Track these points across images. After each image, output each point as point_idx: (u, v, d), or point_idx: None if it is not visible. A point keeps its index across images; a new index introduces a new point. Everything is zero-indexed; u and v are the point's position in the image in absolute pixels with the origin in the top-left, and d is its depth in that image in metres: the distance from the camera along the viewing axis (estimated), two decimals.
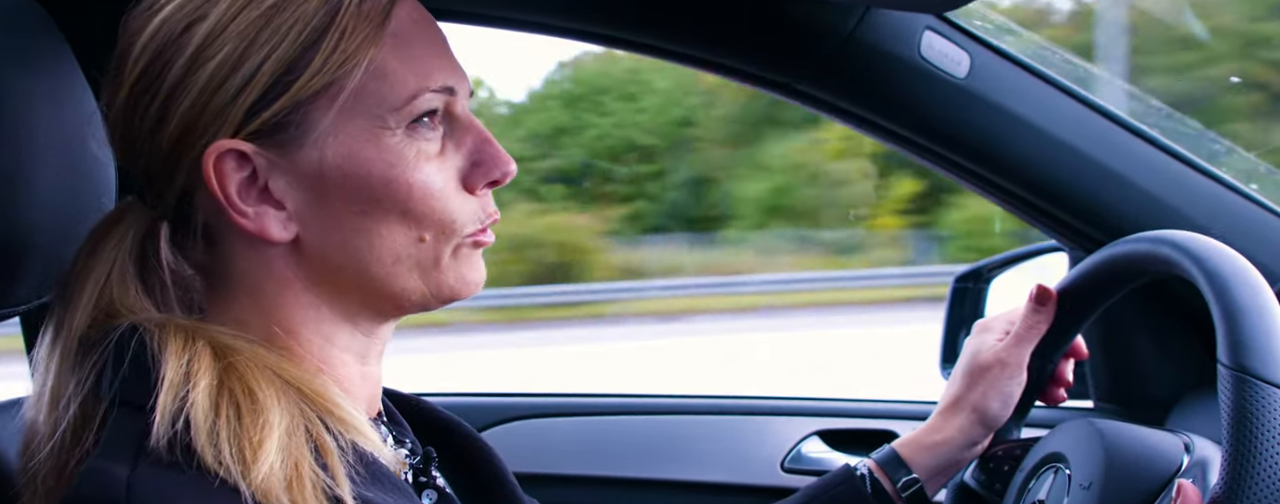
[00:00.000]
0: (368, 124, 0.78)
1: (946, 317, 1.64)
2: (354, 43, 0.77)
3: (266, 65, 0.75)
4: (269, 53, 0.76)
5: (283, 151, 0.78)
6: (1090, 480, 0.94)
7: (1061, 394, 1.15)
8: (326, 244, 0.80)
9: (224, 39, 0.76)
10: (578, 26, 1.29)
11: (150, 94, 0.77)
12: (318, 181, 0.78)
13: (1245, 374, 0.81)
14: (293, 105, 0.76)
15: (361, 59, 0.77)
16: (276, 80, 0.76)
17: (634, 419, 1.62)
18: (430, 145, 0.80)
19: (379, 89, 0.78)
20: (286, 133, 0.77)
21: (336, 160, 0.78)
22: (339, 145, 0.78)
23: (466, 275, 0.84)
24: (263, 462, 0.69)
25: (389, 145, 0.78)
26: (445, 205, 0.80)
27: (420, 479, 0.88)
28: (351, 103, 0.78)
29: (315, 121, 0.77)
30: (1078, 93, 1.30)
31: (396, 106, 0.78)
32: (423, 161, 0.80)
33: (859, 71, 1.26)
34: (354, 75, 0.77)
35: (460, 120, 0.83)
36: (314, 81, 0.76)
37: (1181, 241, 0.93)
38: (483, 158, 0.83)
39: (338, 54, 0.76)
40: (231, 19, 0.76)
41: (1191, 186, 1.31)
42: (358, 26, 0.77)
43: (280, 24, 0.76)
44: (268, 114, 0.76)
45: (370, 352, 0.86)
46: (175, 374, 0.73)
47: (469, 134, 0.83)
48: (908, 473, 1.09)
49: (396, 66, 0.79)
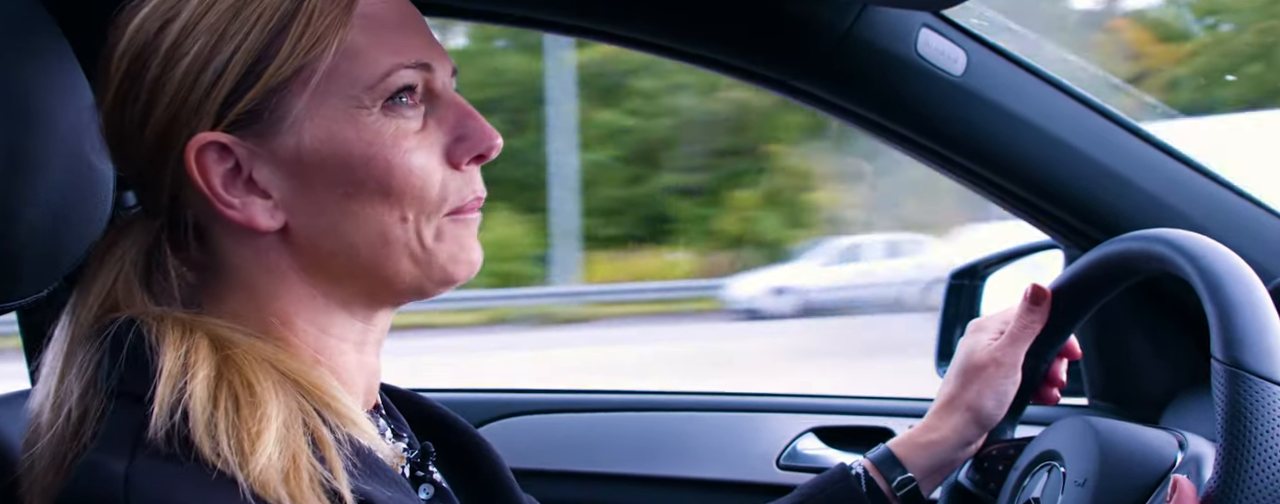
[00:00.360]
0: (343, 105, 0.78)
1: (942, 313, 1.64)
2: (322, 25, 0.77)
3: (237, 56, 0.76)
4: (239, 44, 0.76)
5: (262, 140, 0.78)
6: (1085, 478, 0.95)
7: (1056, 393, 1.15)
8: (314, 230, 0.80)
9: (196, 35, 0.77)
10: (571, 22, 1.29)
11: (133, 95, 0.78)
12: (299, 167, 0.79)
13: (1239, 369, 0.81)
14: (265, 93, 0.77)
15: (331, 41, 0.77)
16: (248, 70, 0.77)
17: (630, 415, 1.63)
18: (410, 123, 0.81)
19: (351, 69, 0.78)
20: (263, 121, 0.78)
21: (315, 144, 0.78)
22: (316, 128, 0.78)
23: (458, 255, 0.83)
24: (260, 454, 0.70)
25: (366, 124, 0.79)
26: (426, 181, 0.80)
27: (417, 473, 0.89)
28: (324, 85, 0.78)
29: (290, 107, 0.78)
30: (1074, 91, 1.31)
31: (370, 85, 0.79)
32: (401, 139, 0.80)
33: (856, 69, 1.26)
34: (324, 58, 0.77)
35: (442, 97, 0.83)
36: (284, 67, 0.77)
37: (1176, 239, 0.94)
38: (467, 132, 0.83)
39: (306, 38, 0.77)
40: (202, 15, 0.77)
41: (1187, 185, 1.31)
42: (325, 8, 0.78)
43: (248, 15, 0.77)
44: (242, 104, 0.77)
45: (367, 339, 0.86)
46: (173, 365, 0.73)
47: (451, 110, 0.83)
48: (903, 472, 1.10)
49: (367, 45, 0.79)
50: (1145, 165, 1.32)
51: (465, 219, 0.84)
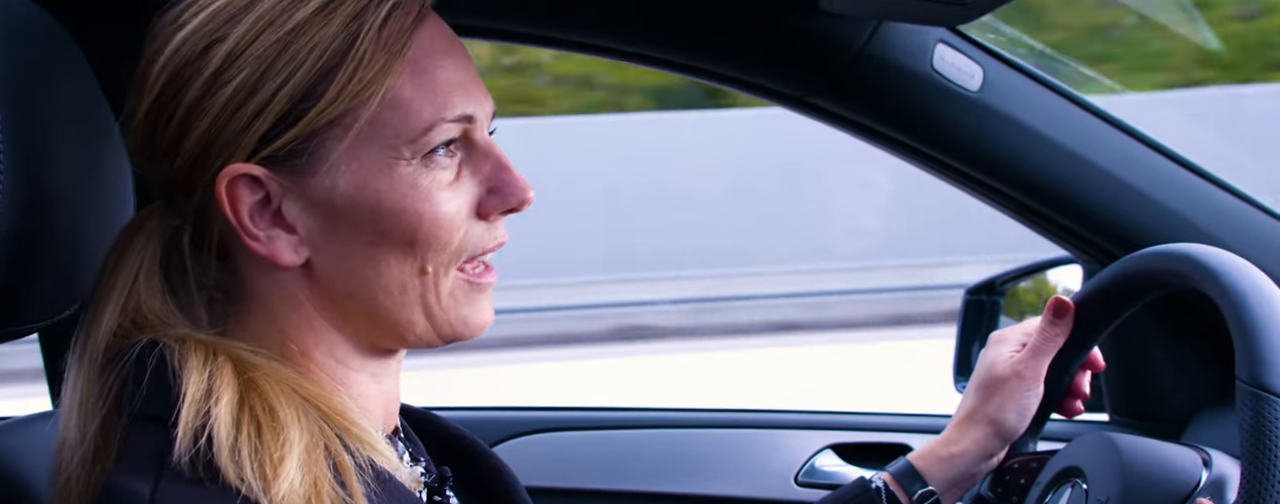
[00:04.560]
0: (382, 154, 0.77)
1: (959, 329, 1.63)
2: (370, 72, 0.76)
3: (282, 92, 0.75)
4: (285, 79, 0.75)
5: (296, 178, 0.77)
6: (1107, 495, 0.94)
7: (1078, 407, 1.14)
8: (335, 270, 0.80)
9: (242, 63, 0.75)
10: (590, 41, 1.30)
11: (169, 112, 0.77)
12: (329, 209, 0.78)
13: (1263, 391, 0.81)
14: (307, 133, 0.76)
15: (378, 89, 0.76)
16: (291, 108, 0.75)
17: (646, 433, 1.62)
18: (445, 173, 0.79)
19: (394, 120, 0.77)
20: (300, 160, 0.77)
21: (349, 190, 0.77)
22: (351, 175, 0.77)
23: (469, 317, 0.83)
24: (283, 479, 0.69)
25: (402, 175, 0.78)
26: (453, 233, 0.79)
27: (434, 498, 0.88)
28: (366, 132, 0.77)
29: (329, 150, 0.77)
30: (1092, 105, 1.31)
31: (412, 139, 0.77)
32: (435, 190, 0.78)
33: (872, 85, 1.26)
34: (369, 105, 0.76)
35: (479, 146, 0.82)
36: (329, 111, 0.75)
37: (1199, 256, 0.93)
38: (499, 184, 0.82)
39: (353, 84, 0.75)
40: (250, 42, 0.75)
41: (1207, 199, 1.31)
42: (375, 55, 0.76)
43: (298, 50, 0.75)
44: (281, 141, 0.76)
45: (385, 372, 0.86)
46: (197, 389, 0.73)
47: (487, 160, 0.82)
48: (923, 485, 1.09)
49: (413, 96, 0.78)
50: (1163, 179, 1.31)
51: (481, 283, 0.83)
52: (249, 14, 0.76)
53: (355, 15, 0.76)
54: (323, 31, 0.75)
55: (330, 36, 0.75)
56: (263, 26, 0.75)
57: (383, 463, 0.77)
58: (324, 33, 0.75)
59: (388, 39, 0.76)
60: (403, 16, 0.77)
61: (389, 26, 0.76)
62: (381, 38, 0.76)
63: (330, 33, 0.75)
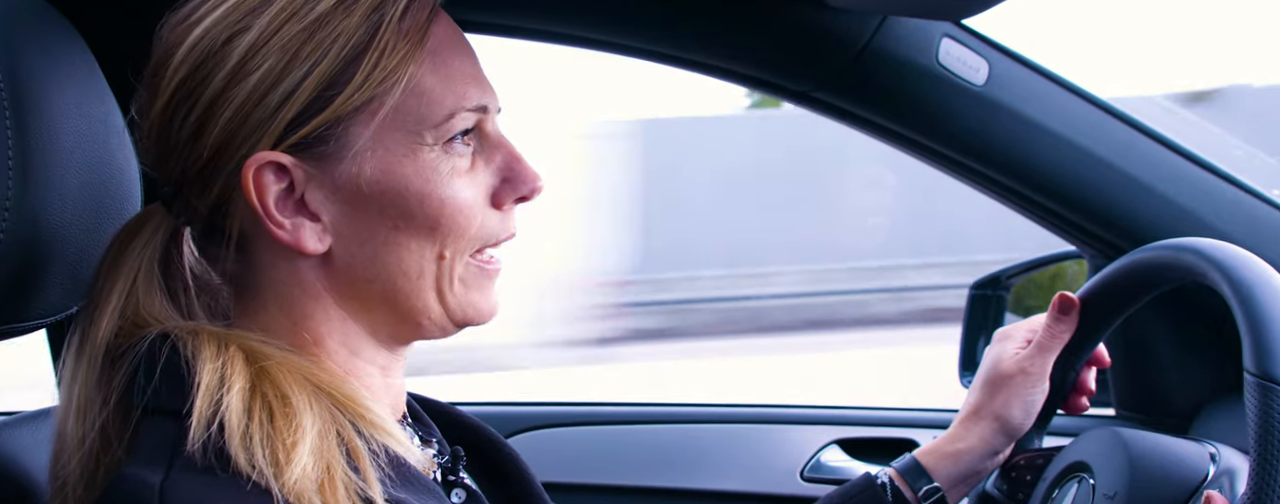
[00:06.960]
0: (405, 140, 0.79)
1: (965, 324, 1.63)
2: (394, 59, 0.78)
3: (308, 80, 0.76)
4: (311, 67, 0.76)
5: (321, 165, 0.78)
6: (1115, 490, 0.94)
7: (1084, 402, 1.14)
8: (356, 257, 0.81)
9: (267, 52, 0.76)
10: (595, 36, 1.30)
11: (190, 104, 0.78)
12: (354, 195, 0.79)
13: (1271, 382, 0.80)
14: (333, 120, 0.77)
15: (402, 76, 0.78)
16: (318, 95, 0.77)
17: (654, 428, 1.62)
18: (462, 161, 0.82)
19: (417, 107, 0.79)
20: (326, 146, 0.78)
21: (374, 175, 0.79)
22: (377, 160, 0.79)
23: (479, 303, 0.85)
24: (296, 464, 0.70)
25: (425, 161, 0.80)
26: (470, 219, 0.82)
27: (448, 478, 0.89)
28: (390, 119, 0.79)
29: (355, 137, 0.78)
30: (1097, 99, 1.30)
31: (434, 124, 0.80)
32: (455, 177, 0.81)
33: (877, 80, 1.26)
34: (394, 92, 0.78)
35: (490, 137, 0.84)
36: (355, 97, 0.77)
37: (1206, 249, 0.93)
38: (512, 174, 0.84)
39: (379, 71, 0.77)
40: (274, 32, 0.77)
41: (1213, 192, 1.30)
42: (398, 44, 0.78)
43: (323, 39, 0.76)
44: (308, 128, 0.77)
45: (393, 365, 0.87)
46: (210, 379, 0.73)
47: (499, 150, 0.85)
48: (929, 481, 1.09)
49: (434, 84, 0.80)
50: (1170, 172, 1.31)
51: (490, 270, 0.85)
52: (270, 6, 0.77)
53: (376, 7, 0.78)
54: (346, 22, 0.77)
55: (353, 27, 0.77)
56: (286, 17, 0.77)
57: (396, 447, 0.78)
58: (347, 23, 0.77)
59: (408, 30, 0.78)
60: (419, 10, 0.80)
61: (408, 18, 0.79)
62: (402, 28, 0.78)
63: (353, 23, 0.77)
